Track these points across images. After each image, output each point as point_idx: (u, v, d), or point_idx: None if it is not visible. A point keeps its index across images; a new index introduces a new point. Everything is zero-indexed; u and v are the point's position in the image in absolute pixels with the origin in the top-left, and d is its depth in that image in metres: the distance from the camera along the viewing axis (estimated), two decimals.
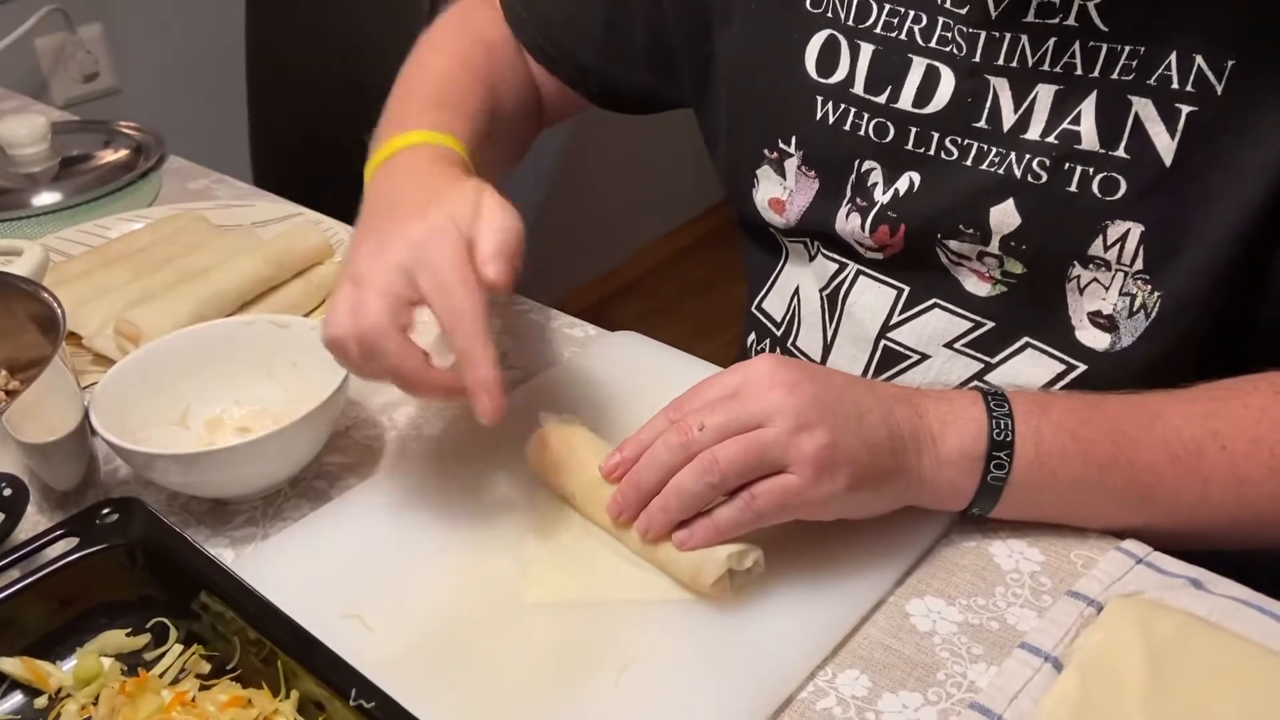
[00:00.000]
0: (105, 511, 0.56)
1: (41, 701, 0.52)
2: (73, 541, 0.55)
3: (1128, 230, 0.63)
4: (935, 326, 0.72)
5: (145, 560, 0.55)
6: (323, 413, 0.64)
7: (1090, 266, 0.65)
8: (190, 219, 0.93)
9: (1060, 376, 0.68)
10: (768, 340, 0.84)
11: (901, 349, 0.73)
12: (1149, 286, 0.64)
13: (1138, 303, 0.64)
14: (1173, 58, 0.59)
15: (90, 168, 1.11)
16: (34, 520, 0.60)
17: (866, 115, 0.70)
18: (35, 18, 1.49)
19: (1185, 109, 0.59)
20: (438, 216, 0.57)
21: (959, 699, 0.52)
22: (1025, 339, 0.69)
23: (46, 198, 1.05)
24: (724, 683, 0.52)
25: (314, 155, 1.46)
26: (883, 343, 0.74)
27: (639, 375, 0.74)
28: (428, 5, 1.28)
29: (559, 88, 0.87)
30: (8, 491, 0.57)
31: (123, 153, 1.14)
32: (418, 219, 0.58)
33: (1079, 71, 0.62)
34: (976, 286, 0.70)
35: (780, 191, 0.76)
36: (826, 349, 0.78)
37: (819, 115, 0.72)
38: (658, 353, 0.78)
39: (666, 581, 0.58)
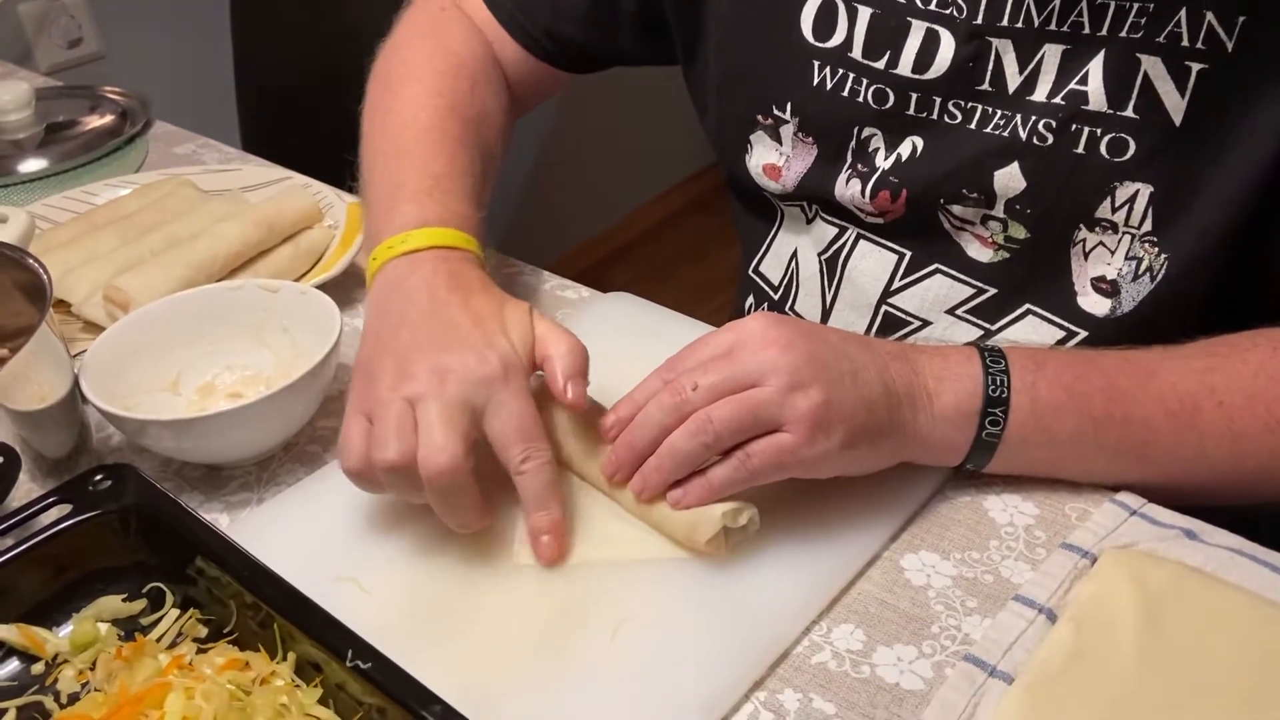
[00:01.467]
0: (98, 478, 0.56)
1: (39, 668, 0.52)
2: (66, 508, 0.55)
3: (1136, 191, 0.62)
4: (936, 292, 0.71)
5: (139, 526, 0.54)
6: (314, 377, 0.63)
7: (1097, 230, 0.64)
8: (177, 184, 0.92)
9: (1060, 344, 0.67)
10: (765, 305, 0.83)
11: (902, 315, 0.73)
12: (1156, 249, 0.63)
13: (1143, 266, 0.63)
14: (1182, 14, 0.58)
15: (76, 134, 1.10)
16: (26, 488, 0.59)
17: (866, 81, 0.68)
18: None
19: (1195, 67, 0.58)
20: (496, 349, 0.56)
21: (953, 651, 0.52)
22: (1027, 305, 0.69)
23: (32, 164, 1.04)
24: (720, 638, 0.52)
25: (300, 119, 1.45)
26: (883, 308, 0.73)
27: (632, 335, 0.74)
28: None
29: (535, 71, 0.83)
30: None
31: (108, 118, 1.13)
32: (471, 351, 0.56)
33: (1086, 30, 0.61)
34: (979, 252, 0.69)
35: (776, 158, 0.75)
36: (826, 314, 0.77)
37: (816, 81, 0.71)
38: (651, 313, 0.78)
39: (662, 541, 0.58)
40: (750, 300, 0.85)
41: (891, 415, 0.56)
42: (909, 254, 0.72)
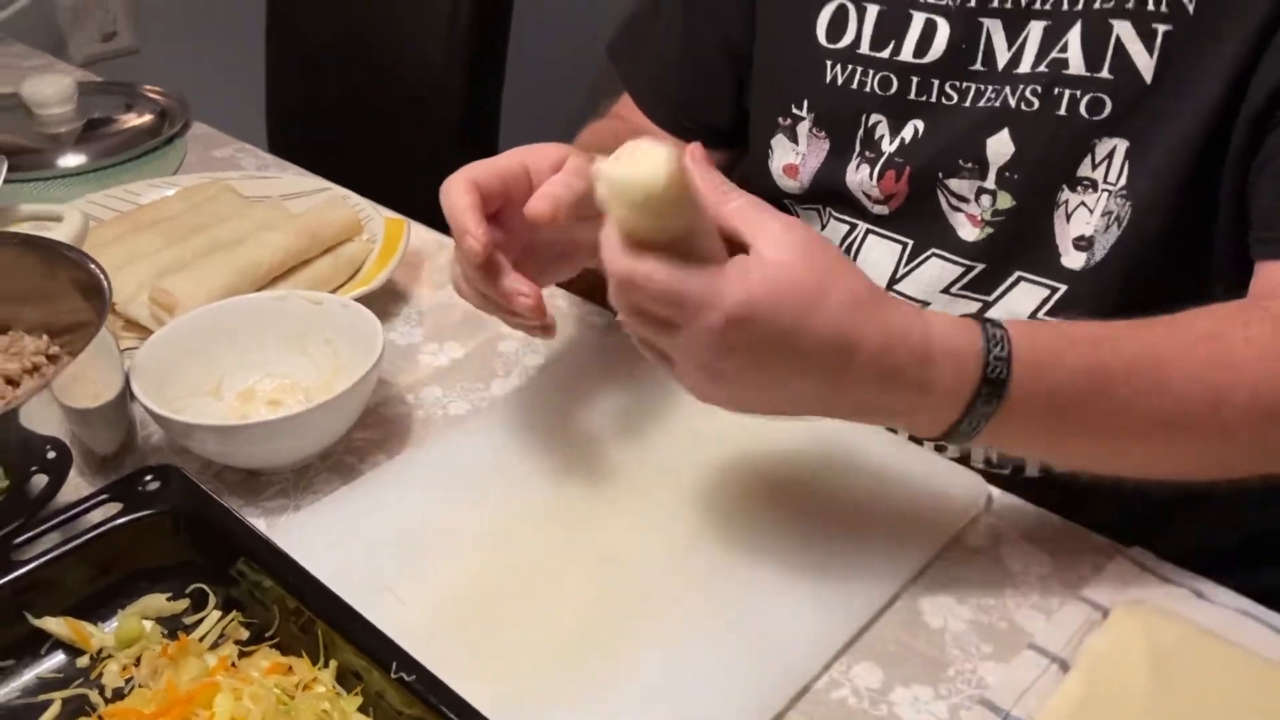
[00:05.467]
0: (147, 479, 0.57)
1: (84, 661, 0.54)
2: (115, 507, 0.56)
3: (1114, 147, 0.68)
4: (932, 274, 0.77)
5: (185, 527, 0.56)
6: (356, 392, 0.65)
7: (1078, 189, 0.69)
8: (220, 188, 0.94)
9: (1045, 301, 0.72)
10: None
11: (904, 298, 0.77)
12: (1125, 201, 0.68)
13: (1113, 218, 0.68)
14: None
15: (114, 131, 1.12)
16: (74, 483, 0.61)
17: (872, 71, 0.76)
18: None
19: (1161, 28, 0.65)
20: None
21: (969, 694, 0.54)
22: (1017, 273, 0.74)
23: (72, 159, 1.06)
24: (742, 667, 0.54)
25: (331, 123, 1.47)
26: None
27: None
28: None
29: None
30: (51, 454, 0.59)
31: (146, 117, 1.15)
32: None
33: (1065, 8, 0.68)
34: (968, 233, 0.74)
35: (794, 157, 0.82)
36: None
37: (829, 79, 0.78)
38: None
39: (688, 571, 0.60)
40: None
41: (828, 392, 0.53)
42: (910, 243, 0.78)
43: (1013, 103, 0.70)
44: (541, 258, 0.66)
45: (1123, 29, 0.65)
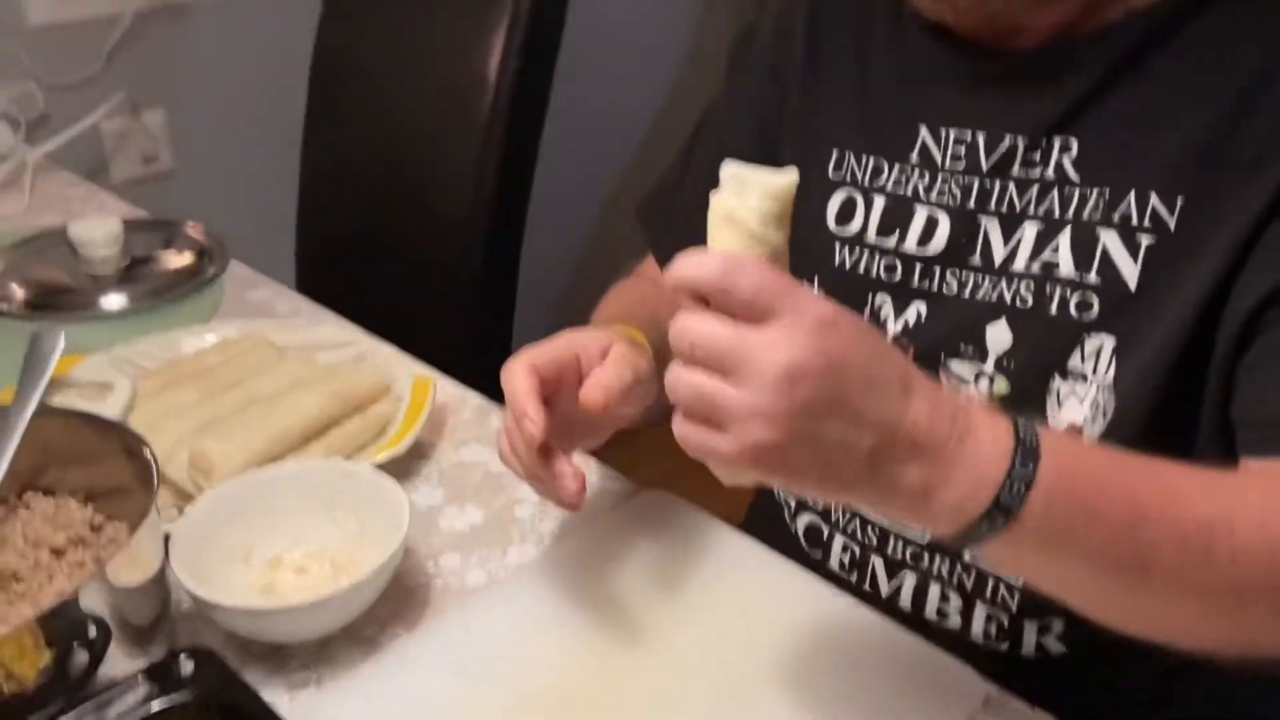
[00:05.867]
0: (183, 660, 0.60)
1: None
2: (151, 687, 0.59)
3: (1102, 344, 0.71)
4: None
5: (220, 713, 0.59)
6: (379, 574, 0.69)
7: (1069, 379, 0.73)
8: (255, 341, 0.98)
9: None
10: None
11: None
12: (1111, 395, 0.71)
13: (1099, 410, 0.72)
14: (1131, 197, 0.69)
15: (155, 271, 1.18)
16: (110, 653, 0.64)
17: (878, 257, 0.81)
18: (106, 106, 1.56)
19: (1145, 240, 0.69)
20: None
21: None
22: None
23: (115, 301, 1.11)
24: None
25: (356, 255, 1.53)
26: None
27: (666, 541, 0.79)
28: (486, 113, 1.34)
29: None
30: (93, 632, 0.62)
31: (186, 256, 1.21)
32: None
33: (1056, 214, 0.72)
34: None
35: None
36: None
37: (838, 261, 0.83)
38: (685, 516, 0.83)
39: None
40: None
41: (875, 470, 0.54)
42: None
43: (1008, 297, 0.74)
44: (575, 431, 0.73)
45: (1109, 238, 0.70)
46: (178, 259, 1.20)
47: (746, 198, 0.56)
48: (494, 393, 0.82)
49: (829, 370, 0.51)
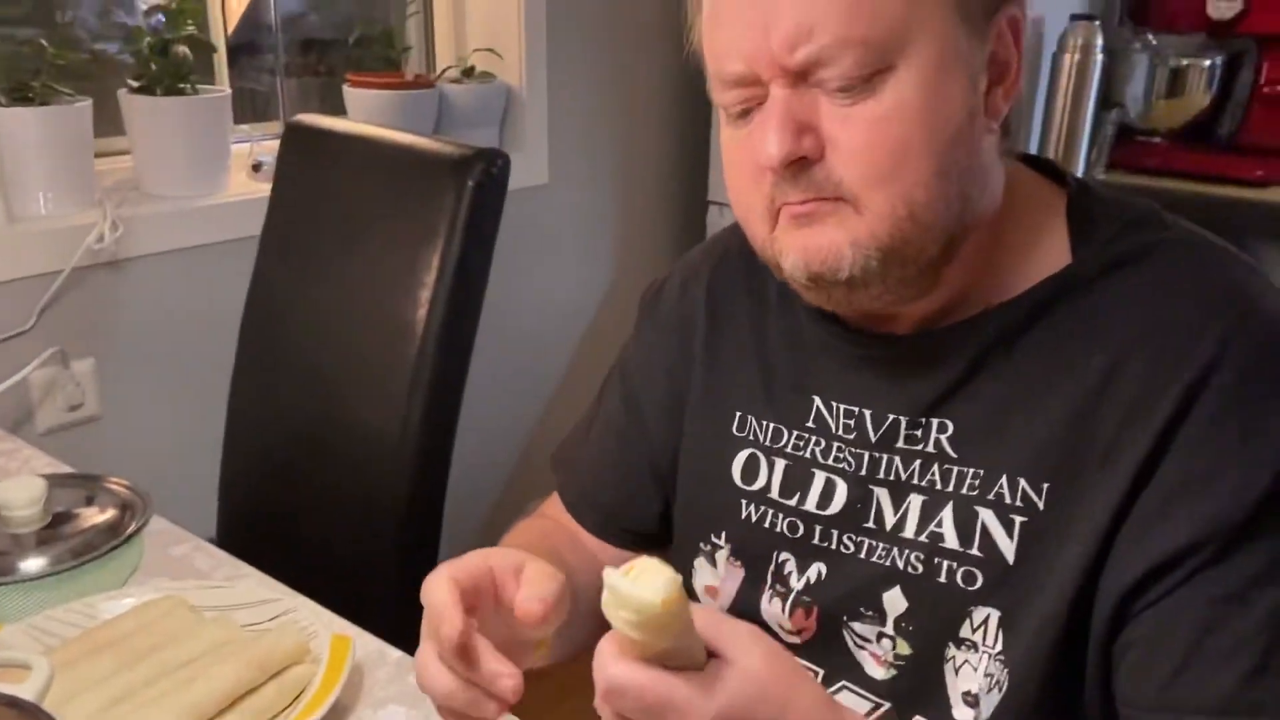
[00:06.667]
0: None
1: None
2: None
3: (988, 615, 0.74)
4: (846, 704, 0.81)
5: None
6: None
7: (963, 648, 0.76)
8: (173, 604, 0.99)
9: None
10: None
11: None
12: (1003, 666, 0.74)
13: (994, 681, 0.74)
14: (1004, 479, 0.74)
15: (77, 530, 1.17)
16: None
17: (782, 516, 0.85)
18: (38, 360, 1.60)
19: (1018, 519, 0.74)
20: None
21: None
22: (918, 717, 0.79)
23: (34, 564, 1.10)
24: None
25: (282, 500, 1.55)
26: None
27: None
28: (408, 383, 1.41)
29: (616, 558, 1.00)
30: None
31: (109, 512, 1.21)
32: None
33: (939, 486, 0.77)
34: (874, 670, 0.80)
35: (713, 579, 0.89)
36: None
37: (744, 515, 0.87)
38: None
39: None
40: None
41: None
42: (823, 671, 0.83)
43: (900, 564, 0.78)
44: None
45: (986, 515, 0.75)
46: (99, 516, 1.21)
47: (618, 610, 0.56)
48: (415, 646, 0.83)
49: None
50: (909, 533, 0.79)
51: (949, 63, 0.69)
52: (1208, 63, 2.31)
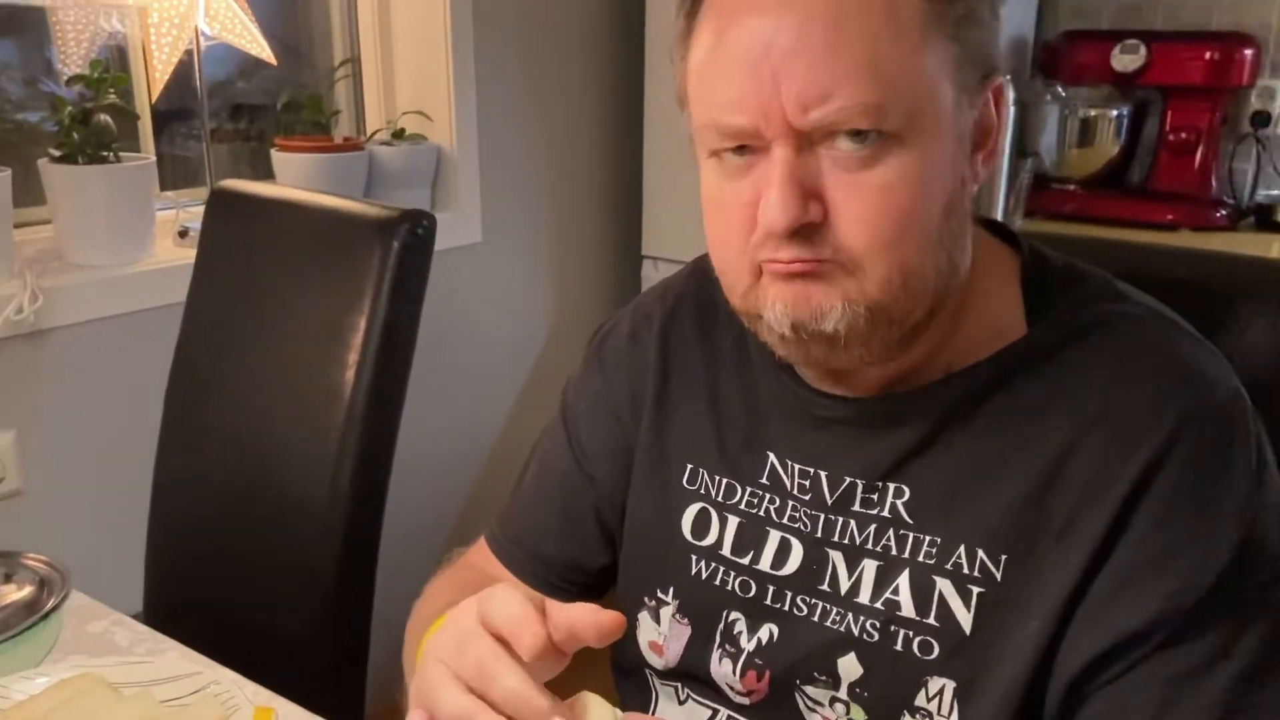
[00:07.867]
0: None
1: None
2: None
3: (943, 685, 0.74)
4: None
5: None
6: None
7: (917, 716, 0.75)
8: (90, 682, 0.97)
9: None
10: None
11: None
12: None
13: None
14: (961, 549, 0.73)
15: None
16: None
17: (733, 574, 0.82)
18: None
19: (975, 589, 0.73)
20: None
21: None
22: None
23: None
24: None
25: (208, 570, 1.52)
26: None
27: None
28: (335, 447, 1.40)
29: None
30: None
31: (26, 589, 1.19)
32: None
33: (894, 552, 0.76)
34: None
35: (657, 635, 0.87)
36: None
37: (694, 571, 0.84)
38: None
39: None
40: None
41: None
42: None
43: (855, 630, 0.77)
44: None
45: (943, 584, 0.74)
46: (16, 593, 1.18)
47: None
48: (346, 714, 0.82)
49: None
50: (864, 598, 0.77)
51: (947, 131, 0.70)
52: (1115, 112, 2.41)
